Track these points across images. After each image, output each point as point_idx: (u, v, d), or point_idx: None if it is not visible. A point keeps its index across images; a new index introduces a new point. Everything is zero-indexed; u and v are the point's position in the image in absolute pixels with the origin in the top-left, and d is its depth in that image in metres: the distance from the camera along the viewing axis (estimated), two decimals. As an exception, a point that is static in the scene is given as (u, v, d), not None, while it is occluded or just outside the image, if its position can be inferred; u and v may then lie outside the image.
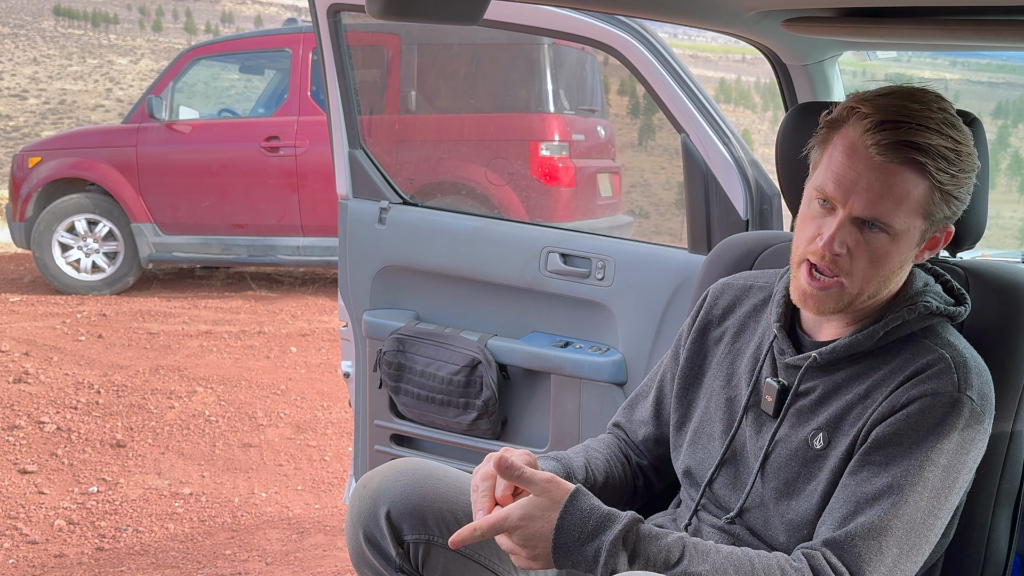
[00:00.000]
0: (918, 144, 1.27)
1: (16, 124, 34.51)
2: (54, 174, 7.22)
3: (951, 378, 1.30)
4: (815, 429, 1.37)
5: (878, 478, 1.28)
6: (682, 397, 1.57)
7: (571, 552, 1.27)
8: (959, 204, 1.33)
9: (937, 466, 1.27)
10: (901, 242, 1.31)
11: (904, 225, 1.30)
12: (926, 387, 1.30)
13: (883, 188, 1.28)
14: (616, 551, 1.26)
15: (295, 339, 5.79)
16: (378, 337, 2.51)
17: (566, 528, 1.27)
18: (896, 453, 1.28)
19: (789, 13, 1.80)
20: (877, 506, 1.26)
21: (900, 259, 1.33)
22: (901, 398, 1.30)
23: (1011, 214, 31.72)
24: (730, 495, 1.45)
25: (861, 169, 1.29)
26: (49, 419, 4.17)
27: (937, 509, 1.28)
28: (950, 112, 1.31)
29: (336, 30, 2.46)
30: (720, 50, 75.98)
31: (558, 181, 6.39)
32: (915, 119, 1.28)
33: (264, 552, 3.09)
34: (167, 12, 73.28)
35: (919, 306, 1.35)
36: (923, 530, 1.27)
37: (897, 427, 1.29)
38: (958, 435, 1.28)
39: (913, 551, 1.27)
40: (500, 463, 1.29)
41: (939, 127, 1.28)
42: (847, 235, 1.31)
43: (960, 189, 1.32)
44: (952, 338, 1.36)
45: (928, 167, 1.27)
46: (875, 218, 1.29)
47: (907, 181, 1.28)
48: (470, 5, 1.30)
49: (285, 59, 7.15)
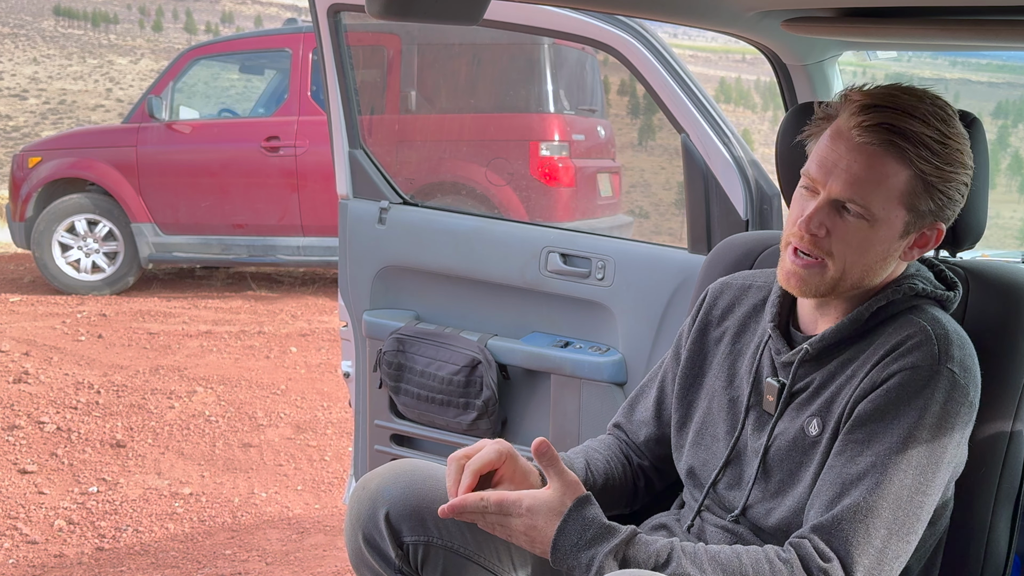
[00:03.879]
0: (899, 128, 1.27)
1: (16, 124, 34.50)
2: (54, 174, 7.22)
3: (931, 350, 1.29)
4: (810, 416, 1.37)
5: (861, 457, 1.27)
6: (683, 397, 1.57)
7: (567, 555, 1.29)
8: (947, 201, 1.32)
9: (920, 441, 1.26)
10: (881, 230, 1.31)
11: (883, 212, 1.29)
12: (905, 360, 1.29)
13: (861, 170, 1.29)
14: (609, 561, 1.28)
15: (295, 339, 5.79)
16: (378, 337, 2.51)
17: (568, 531, 1.29)
18: (878, 430, 1.28)
19: (789, 13, 1.80)
20: (861, 486, 1.26)
21: (882, 249, 1.32)
22: (881, 373, 1.30)
23: (1011, 214, 31.71)
24: (734, 494, 1.45)
25: (842, 151, 1.30)
26: (49, 419, 4.17)
27: (924, 486, 1.27)
28: (943, 108, 1.30)
29: (336, 30, 2.46)
30: (720, 50, 75.93)
31: (558, 181, 6.39)
32: (901, 106, 1.28)
33: (264, 552, 3.09)
34: (167, 12, 73.24)
35: (904, 287, 1.36)
36: (911, 507, 1.26)
37: (877, 403, 1.28)
38: (940, 408, 1.27)
39: (903, 530, 1.26)
40: (540, 447, 1.31)
41: (925, 117, 1.28)
42: (825, 216, 1.32)
43: (947, 184, 1.30)
44: (936, 313, 1.35)
45: (908, 153, 1.27)
46: (851, 199, 1.30)
47: (886, 165, 1.28)
48: (470, 5, 1.30)
49: (285, 59, 7.15)
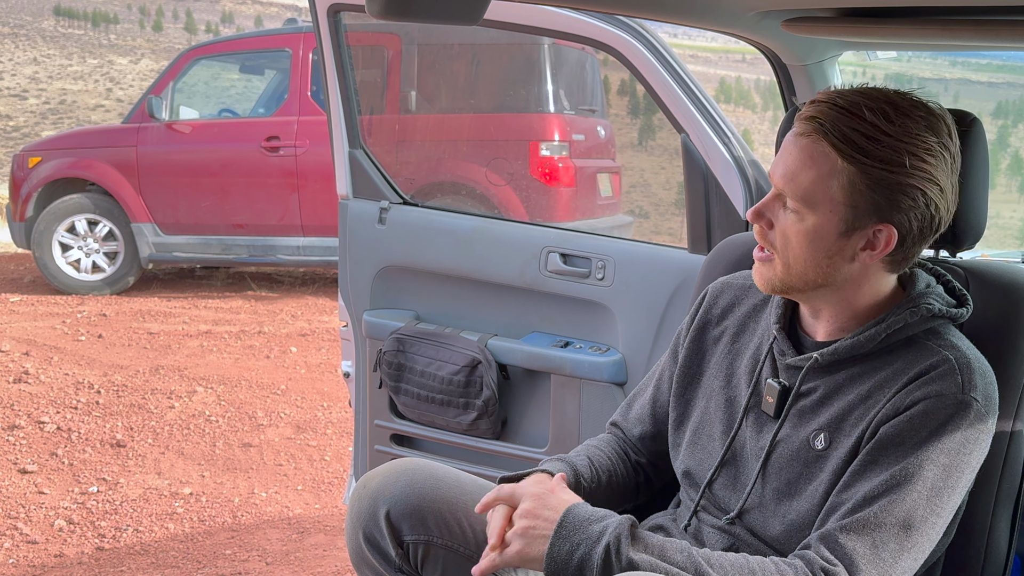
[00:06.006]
0: (826, 120, 1.27)
1: (16, 124, 34.52)
2: (54, 174, 7.22)
3: (955, 380, 1.29)
4: (816, 429, 1.37)
5: (877, 476, 1.28)
6: (680, 396, 1.57)
7: (576, 531, 1.32)
8: (891, 203, 1.27)
9: (937, 464, 1.27)
10: (815, 224, 1.30)
11: (815, 205, 1.29)
12: (930, 388, 1.29)
13: (794, 162, 1.30)
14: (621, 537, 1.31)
15: (295, 339, 5.79)
16: (378, 337, 2.51)
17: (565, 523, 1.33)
18: (898, 453, 1.28)
19: (789, 13, 1.80)
20: (875, 503, 1.26)
21: (823, 246, 1.31)
22: (905, 400, 1.30)
23: (1011, 214, 31.74)
24: (730, 496, 1.45)
25: (786, 145, 1.33)
26: (49, 419, 4.17)
27: (937, 508, 1.27)
28: (898, 107, 1.26)
29: (336, 30, 2.46)
30: (720, 50, 75.94)
31: (558, 181, 6.39)
32: (841, 101, 1.28)
33: (264, 552, 3.09)
34: (167, 12, 73.25)
35: (921, 308, 1.35)
36: (922, 527, 1.27)
37: (900, 428, 1.29)
38: (961, 435, 1.28)
39: (912, 549, 1.26)
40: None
41: (861, 111, 1.25)
42: (770, 209, 1.35)
43: (887, 185, 1.26)
44: (955, 339, 1.36)
45: (836, 146, 1.26)
46: (784, 190, 1.32)
47: (815, 157, 1.28)
48: (470, 5, 1.30)
49: (285, 59, 7.15)
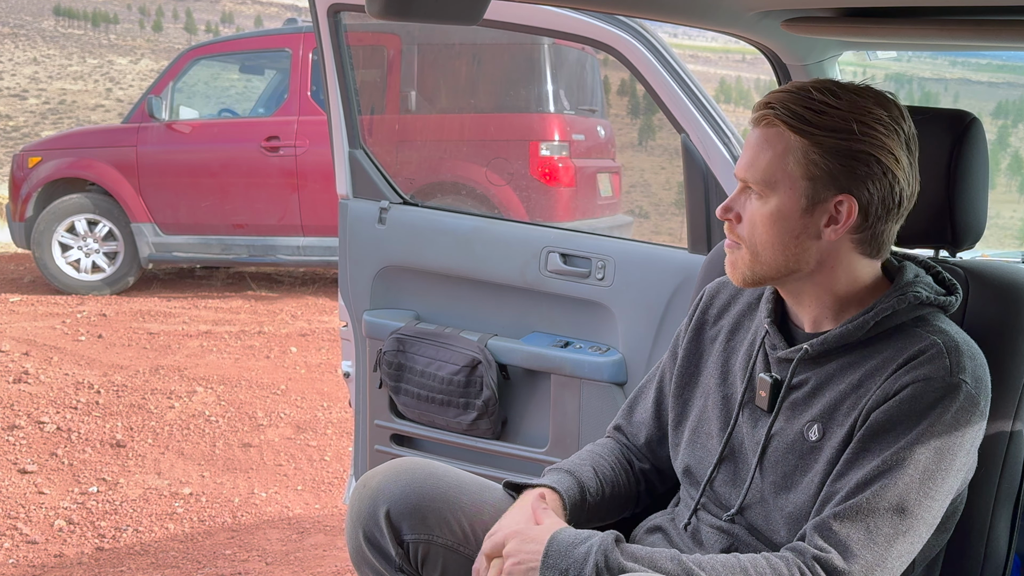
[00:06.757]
0: (774, 104, 1.34)
1: (16, 124, 34.49)
2: (54, 174, 7.22)
3: (943, 363, 1.30)
4: (810, 420, 1.37)
5: (869, 463, 1.28)
6: (679, 396, 1.58)
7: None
8: (847, 170, 1.31)
9: (929, 447, 1.27)
10: (780, 205, 1.34)
11: (776, 186, 1.34)
12: (919, 372, 1.30)
13: (752, 151, 1.36)
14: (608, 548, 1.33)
15: (295, 339, 5.79)
16: (378, 337, 2.51)
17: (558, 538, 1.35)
18: (889, 438, 1.28)
19: (789, 13, 1.80)
20: (868, 488, 1.26)
21: (788, 227, 1.34)
22: (894, 385, 1.30)
23: (1011, 214, 31.73)
24: (730, 492, 1.46)
25: (747, 138, 1.39)
26: (49, 419, 4.17)
27: (931, 491, 1.27)
28: (840, 86, 1.33)
29: (336, 30, 2.46)
30: (720, 50, 75.96)
31: (558, 181, 6.39)
32: (791, 88, 1.35)
33: (264, 552, 3.09)
34: (167, 12, 73.23)
35: (909, 296, 1.36)
36: (917, 511, 1.26)
37: (890, 413, 1.29)
38: (951, 417, 1.28)
39: (908, 533, 1.26)
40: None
41: (809, 91, 1.33)
42: (737, 203, 1.40)
43: (840, 153, 1.30)
44: (944, 325, 1.36)
45: (785, 121, 1.32)
46: (747, 179, 1.37)
47: (771, 138, 1.34)
48: (470, 5, 1.31)
49: (285, 59, 7.15)
